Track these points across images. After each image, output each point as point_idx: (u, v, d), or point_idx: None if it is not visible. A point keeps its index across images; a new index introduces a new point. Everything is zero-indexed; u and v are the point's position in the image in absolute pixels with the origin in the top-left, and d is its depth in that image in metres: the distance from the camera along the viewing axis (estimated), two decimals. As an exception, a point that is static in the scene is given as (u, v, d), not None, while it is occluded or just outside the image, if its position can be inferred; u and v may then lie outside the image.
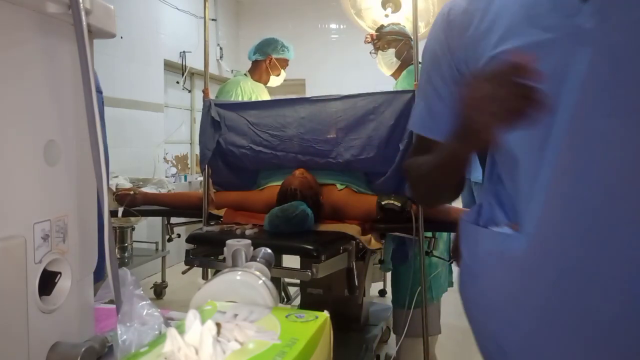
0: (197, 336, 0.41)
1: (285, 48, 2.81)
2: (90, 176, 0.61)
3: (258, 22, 5.82)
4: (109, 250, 0.61)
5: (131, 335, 0.55)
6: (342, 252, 1.85)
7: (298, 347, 0.43)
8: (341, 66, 5.38)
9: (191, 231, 2.02)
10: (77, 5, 0.58)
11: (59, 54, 0.63)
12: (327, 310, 0.52)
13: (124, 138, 3.89)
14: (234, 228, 2.00)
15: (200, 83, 4.92)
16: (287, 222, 1.84)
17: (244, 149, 2.26)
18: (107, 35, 0.69)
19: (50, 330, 0.61)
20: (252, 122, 2.27)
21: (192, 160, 5.12)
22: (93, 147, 0.60)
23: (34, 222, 0.58)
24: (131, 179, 3.18)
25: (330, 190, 2.12)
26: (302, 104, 2.25)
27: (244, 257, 0.72)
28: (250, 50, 2.87)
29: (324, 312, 0.52)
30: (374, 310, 2.76)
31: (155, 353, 0.42)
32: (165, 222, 2.73)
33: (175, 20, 4.57)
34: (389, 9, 2.53)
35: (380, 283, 3.69)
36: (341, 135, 2.11)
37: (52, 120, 0.62)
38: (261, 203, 2.16)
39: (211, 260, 1.96)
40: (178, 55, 4.62)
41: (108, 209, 0.62)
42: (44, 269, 0.60)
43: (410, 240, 2.07)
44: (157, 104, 4.32)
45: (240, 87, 2.70)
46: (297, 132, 2.18)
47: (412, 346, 2.20)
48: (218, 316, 0.50)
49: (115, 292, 0.62)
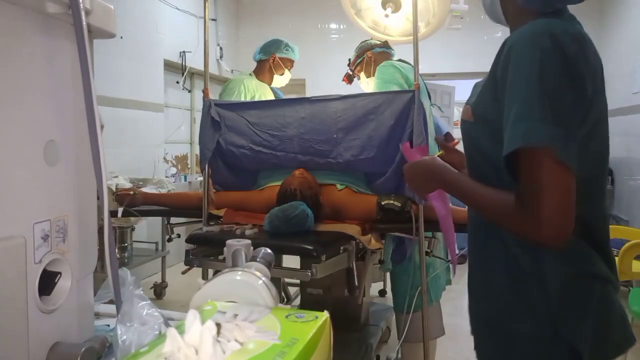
0: (197, 336, 0.41)
1: (289, 48, 2.81)
2: (90, 176, 0.61)
3: (258, 22, 5.81)
4: (109, 250, 0.61)
5: (131, 335, 0.55)
6: (342, 252, 1.85)
7: (298, 347, 0.43)
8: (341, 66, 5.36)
9: (191, 231, 2.02)
10: (77, 5, 0.58)
11: (59, 54, 0.63)
12: (327, 310, 0.52)
13: (124, 138, 3.89)
14: (234, 228, 2.00)
15: (200, 83, 4.92)
16: (287, 222, 1.84)
17: (244, 149, 2.26)
18: (107, 35, 0.69)
19: (50, 330, 0.61)
20: (252, 122, 2.27)
21: (192, 160, 5.12)
22: (93, 147, 0.60)
23: (34, 222, 0.58)
24: (131, 179, 3.18)
25: (330, 190, 2.12)
26: (302, 104, 2.25)
27: (244, 257, 0.72)
28: (255, 51, 2.88)
29: (324, 312, 0.52)
30: (374, 310, 2.76)
31: (155, 353, 0.42)
32: (165, 222, 2.73)
33: (175, 20, 4.57)
34: (389, 8, 2.52)
35: (380, 283, 3.69)
36: (341, 135, 2.11)
37: (52, 120, 0.62)
38: (261, 203, 2.16)
39: (211, 260, 1.96)
40: (178, 55, 4.62)
41: (108, 209, 0.62)
42: (44, 269, 0.60)
43: (410, 240, 2.07)
44: (157, 104, 4.32)
45: (244, 85, 2.70)
46: (297, 132, 2.18)
47: (415, 351, 2.20)
48: (218, 316, 0.50)
49: (115, 292, 0.62)
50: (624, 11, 4.50)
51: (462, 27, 3.76)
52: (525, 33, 0.84)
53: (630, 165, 4.21)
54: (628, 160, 4.24)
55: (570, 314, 0.86)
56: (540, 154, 0.78)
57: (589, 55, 0.84)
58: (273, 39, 2.85)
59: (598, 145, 0.88)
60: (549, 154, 0.77)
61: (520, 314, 0.90)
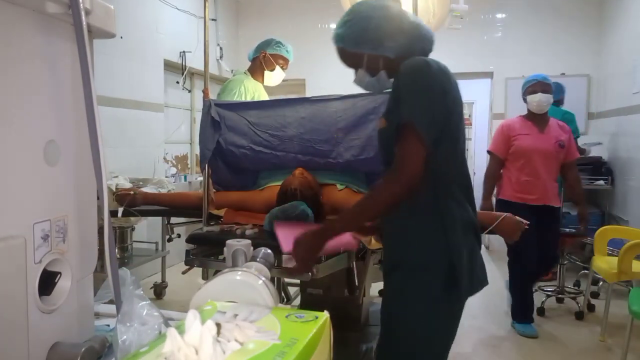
0: (197, 336, 0.41)
1: (280, 45, 2.82)
2: (90, 176, 0.61)
3: (258, 22, 5.81)
4: (109, 250, 0.61)
5: (131, 335, 0.55)
6: (342, 252, 1.85)
7: (298, 347, 0.43)
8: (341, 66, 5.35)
9: (191, 231, 2.02)
10: (77, 5, 0.58)
11: (59, 54, 0.63)
12: (327, 310, 0.52)
13: (124, 138, 3.89)
14: (234, 228, 2.00)
15: (200, 83, 4.92)
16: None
17: (244, 149, 2.26)
18: (107, 35, 0.69)
19: (50, 330, 0.61)
20: (252, 122, 2.27)
21: (192, 160, 5.12)
22: (93, 147, 0.60)
23: (34, 222, 0.58)
24: (131, 179, 3.18)
25: (331, 190, 2.12)
26: (302, 104, 2.25)
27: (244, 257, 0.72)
28: (249, 52, 2.90)
29: (324, 312, 0.52)
30: (374, 310, 2.75)
31: (155, 353, 0.42)
32: (165, 222, 2.73)
33: (175, 20, 4.57)
34: (389, 8, 2.52)
35: (380, 283, 3.68)
36: (341, 135, 2.11)
37: (52, 120, 0.62)
38: (261, 203, 2.16)
39: (211, 260, 1.96)
40: (178, 55, 4.61)
41: (108, 209, 0.62)
42: (44, 269, 0.60)
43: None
44: (157, 104, 4.32)
45: (243, 86, 2.71)
46: (297, 132, 2.18)
47: None
48: (218, 316, 0.50)
49: (115, 292, 0.62)
50: (624, 11, 4.50)
51: (462, 27, 3.76)
52: (408, 62, 1.26)
53: (630, 165, 4.21)
54: (628, 160, 4.24)
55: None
56: (408, 130, 1.18)
57: (451, 78, 1.27)
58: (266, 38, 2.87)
59: (454, 141, 1.29)
60: (413, 131, 1.17)
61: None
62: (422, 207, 1.28)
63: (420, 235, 1.29)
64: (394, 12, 1.37)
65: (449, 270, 1.23)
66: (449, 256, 1.24)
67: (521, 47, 5.13)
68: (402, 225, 1.33)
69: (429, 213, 1.27)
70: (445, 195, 1.27)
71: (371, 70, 1.38)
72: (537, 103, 3.05)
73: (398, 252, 1.36)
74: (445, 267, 1.24)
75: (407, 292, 1.31)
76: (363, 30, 1.34)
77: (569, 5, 5.07)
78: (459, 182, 1.31)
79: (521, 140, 3.08)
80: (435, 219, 1.26)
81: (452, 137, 1.28)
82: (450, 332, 1.33)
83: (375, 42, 1.33)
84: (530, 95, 3.08)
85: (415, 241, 1.30)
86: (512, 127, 3.15)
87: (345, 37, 1.37)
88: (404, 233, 1.33)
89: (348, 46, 1.37)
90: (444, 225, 1.25)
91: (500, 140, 3.16)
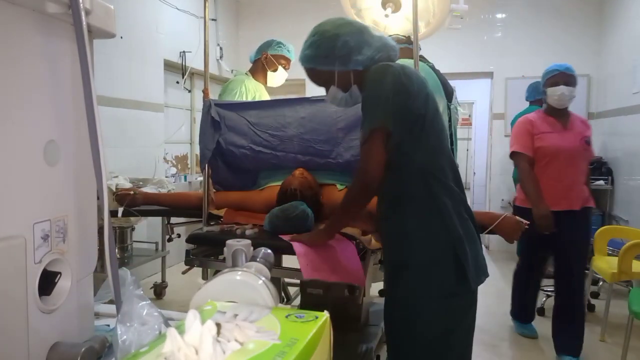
0: (197, 336, 0.41)
1: (281, 45, 2.82)
2: (90, 176, 0.61)
3: (258, 22, 5.81)
4: (109, 250, 0.61)
5: (131, 335, 0.55)
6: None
7: (298, 347, 0.43)
8: (341, 66, 5.35)
9: (191, 231, 2.01)
10: (77, 5, 0.58)
11: (59, 54, 0.63)
12: (327, 310, 0.52)
13: (124, 138, 3.89)
14: (234, 228, 2.00)
15: (200, 83, 4.92)
16: (287, 222, 1.84)
17: (244, 149, 2.25)
18: (107, 35, 0.69)
19: (50, 330, 0.61)
20: (252, 122, 2.27)
21: (192, 160, 5.12)
22: (93, 147, 0.60)
23: (34, 222, 0.58)
24: (131, 179, 3.18)
25: (331, 190, 2.12)
26: (302, 104, 2.25)
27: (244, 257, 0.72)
28: (251, 54, 2.91)
29: (324, 312, 0.52)
30: (374, 310, 2.75)
31: (155, 353, 0.42)
32: (165, 222, 2.72)
33: (175, 20, 4.57)
34: (389, 8, 2.52)
35: (380, 283, 3.68)
36: (341, 135, 2.11)
37: (52, 120, 0.62)
38: (261, 203, 2.16)
39: (211, 260, 1.96)
40: (178, 55, 4.61)
41: (108, 209, 0.62)
42: (44, 269, 0.60)
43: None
44: (157, 104, 4.32)
45: (244, 86, 2.72)
46: (297, 132, 2.18)
47: None
48: (218, 316, 0.50)
49: (115, 292, 0.62)
50: (624, 11, 4.50)
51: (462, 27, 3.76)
52: (373, 69, 1.36)
53: (630, 165, 4.21)
54: (628, 160, 4.24)
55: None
56: (367, 133, 1.30)
57: (412, 76, 1.34)
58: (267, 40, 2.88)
59: (434, 138, 1.38)
60: (374, 134, 1.29)
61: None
62: (419, 205, 1.33)
63: (422, 232, 1.33)
64: (358, 27, 1.43)
65: (455, 263, 1.30)
66: (453, 249, 1.30)
67: (521, 47, 5.13)
68: (401, 225, 1.35)
69: (427, 210, 1.32)
70: (438, 187, 1.33)
71: (343, 86, 1.44)
72: (559, 97, 2.68)
73: (402, 251, 1.36)
74: (452, 261, 1.30)
75: (420, 290, 1.35)
76: (331, 48, 1.39)
77: (569, 5, 5.07)
78: (449, 168, 1.40)
79: (545, 139, 2.72)
80: (434, 214, 1.31)
81: (435, 130, 1.37)
82: (469, 324, 1.40)
83: (344, 59, 1.39)
84: (552, 88, 2.70)
85: (418, 239, 1.33)
86: (534, 123, 2.77)
87: (314, 57, 1.43)
88: (404, 232, 1.34)
89: (318, 65, 1.43)
90: (443, 219, 1.30)
91: (527, 138, 2.75)
